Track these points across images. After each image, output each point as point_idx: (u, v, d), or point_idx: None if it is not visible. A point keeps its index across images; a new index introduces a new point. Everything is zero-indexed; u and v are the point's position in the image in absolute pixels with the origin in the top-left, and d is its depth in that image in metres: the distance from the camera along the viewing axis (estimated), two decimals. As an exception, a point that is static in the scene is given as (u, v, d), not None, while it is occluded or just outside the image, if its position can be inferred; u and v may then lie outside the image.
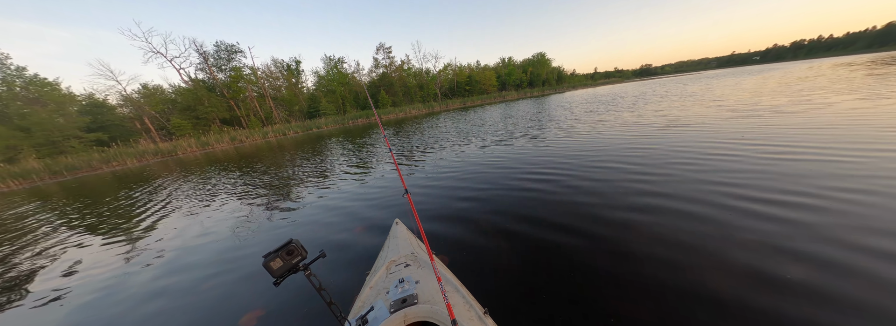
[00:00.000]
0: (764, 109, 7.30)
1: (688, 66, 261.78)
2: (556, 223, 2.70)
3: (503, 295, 1.81)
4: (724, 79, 25.16)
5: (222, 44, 28.07)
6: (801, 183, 2.91)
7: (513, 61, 56.41)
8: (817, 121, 5.33)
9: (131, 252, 3.47)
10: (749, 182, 3.07)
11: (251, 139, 21.58)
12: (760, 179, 3.11)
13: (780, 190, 2.81)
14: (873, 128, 4.53)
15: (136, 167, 14.59)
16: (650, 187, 3.27)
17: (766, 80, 16.95)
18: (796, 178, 3.03)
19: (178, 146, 18.83)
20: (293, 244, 0.89)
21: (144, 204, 5.94)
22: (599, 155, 4.91)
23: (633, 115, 9.09)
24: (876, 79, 11.44)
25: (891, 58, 29.22)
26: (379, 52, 39.46)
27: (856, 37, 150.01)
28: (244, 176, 7.57)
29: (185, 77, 28.76)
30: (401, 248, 1.62)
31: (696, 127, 6.14)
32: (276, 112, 31.33)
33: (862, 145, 3.79)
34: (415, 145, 8.74)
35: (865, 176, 2.88)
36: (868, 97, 7.31)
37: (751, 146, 4.33)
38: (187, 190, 6.86)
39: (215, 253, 3.11)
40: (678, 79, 43.91)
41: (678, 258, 1.98)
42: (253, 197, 5.20)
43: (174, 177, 9.07)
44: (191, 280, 2.61)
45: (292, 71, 34.59)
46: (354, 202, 4.22)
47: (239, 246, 3.21)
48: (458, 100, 38.49)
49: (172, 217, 4.77)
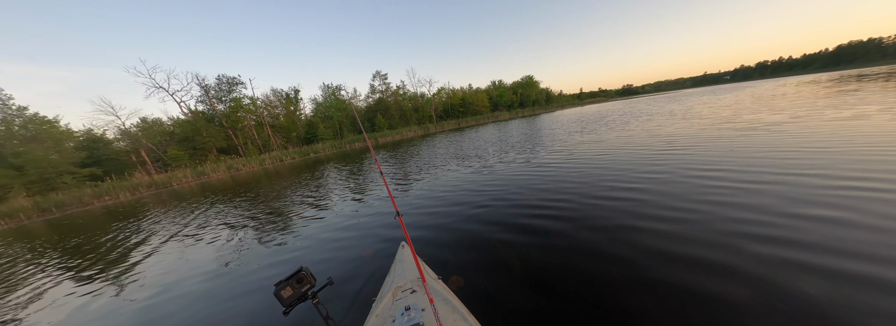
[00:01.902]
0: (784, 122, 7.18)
1: (665, 86, 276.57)
2: (574, 246, 2.61)
3: (512, 322, 1.76)
4: (713, 95, 26.53)
5: (224, 77, 29.39)
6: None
7: (503, 84, 59.43)
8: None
9: (123, 290, 3.33)
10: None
11: (248, 167, 21.56)
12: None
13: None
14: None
15: (129, 200, 14.28)
16: (667, 213, 3.10)
17: (761, 97, 17.89)
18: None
19: (173, 177, 18.66)
20: (303, 272, 0.87)
21: (130, 239, 5.78)
22: (608, 174, 4.91)
23: (634, 133, 9.44)
24: (837, 94, 12.31)
25: (847, 76, 31.60)
26: (375, 78, 41.48)
27: (812, 58, 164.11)
28: (238, 204, 7.50)
29: (186, 109, 29.51)
30: (407, 273, 1.58)
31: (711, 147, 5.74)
32: (274, 139, 31.75)
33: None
34: (412, 166, 8.88)
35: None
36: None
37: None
38: (178, 221, 6.73)
39: (210, 286, 3.02)
40: (661, 97, 46.32)
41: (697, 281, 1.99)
42: (248, 225, 5.12)
43: (165, 209, 8.91)
44: (191, 317, 2.52)
45: (291, 99, 35.83)
46: (355, 224, 4.20)
47: (239, 277, 3.13)
48: (452, 122, 39.75)
49: (162, 251, 4.63)
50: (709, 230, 2.59)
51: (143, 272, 3.93)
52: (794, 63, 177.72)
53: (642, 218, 3.02)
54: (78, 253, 5.43)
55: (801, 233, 2.34)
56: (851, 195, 2.89)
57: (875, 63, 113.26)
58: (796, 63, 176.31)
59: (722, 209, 2.98)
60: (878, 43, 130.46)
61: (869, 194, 2.86)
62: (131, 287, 3.45)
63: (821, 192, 3.06)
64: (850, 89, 14.47)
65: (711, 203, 3.17)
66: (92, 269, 4.36)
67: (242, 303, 2.60)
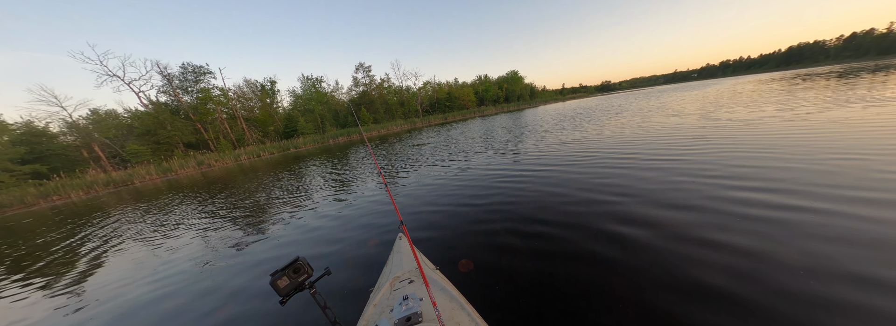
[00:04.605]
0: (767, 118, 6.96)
1: (641, 82, 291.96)
2: (573, 238, 2.49)
3: (507, 313, 1.72)
4: (687, 91, 28.12)
5: (190, 65, 26.93)
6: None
7: (489, 78, 59.45)
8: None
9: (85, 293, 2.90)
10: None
11: (221, 162, 20.10)
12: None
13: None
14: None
15: (83, 200, 12.83)
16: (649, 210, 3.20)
17: (725, 94, 19.08)
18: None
19: (134, 174, 16.99)
20: (300, 261, 0.87)
21: (95, 240, 5.13)
22: (598, 163, 5.03)
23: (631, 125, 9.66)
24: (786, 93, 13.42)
25: (799, 74, 34.76)
26: (358, 71, 39.92)
27: (767, 57, 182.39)
28: (215, 201, 6.91)
29: (146, 100, 26.85)
30: (405, 263, 1.56)
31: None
32: (249, 133, 29.82)
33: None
34: (405, 157, 8.62)
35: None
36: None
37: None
38: (145, 219, 6.08)
39: (202, 276, 2.74)
40: (637, 93, 48.53)
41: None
42: (232, 221, 4.70)
43: (127, 208, 8.05)
44: (190, 310, 2.25)
45: (267, 91, 33.65)
46: (349, 217, 3.99)
47: (233, 269, 2.86)
48: (439, 116, 39.30)
49: (129, 251, 4.13)
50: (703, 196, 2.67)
51: (105, 273, 3.47)
52: (753, 62, 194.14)
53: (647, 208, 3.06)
54: (28, 257, 4.74)
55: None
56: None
57: (820, 63, 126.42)
58: (754, 62, 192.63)
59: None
60: (822, 45, 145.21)
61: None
62: (97, 289, 3.02)
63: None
64: (797, 88, 15.81)
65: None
66: (47, 273, 3.79)
67: (238, 294, 2.47)
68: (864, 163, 3.26)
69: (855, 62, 79.56)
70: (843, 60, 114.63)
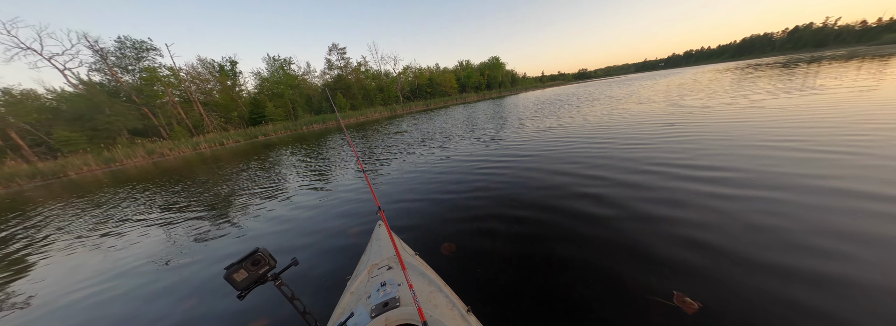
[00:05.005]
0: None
1: (614, 71, 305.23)
2: (547, 220, 2.49)
3: (488, 293, 1.72)
4: (652, 80, 29.46)
5: (128, 39, 23.10)
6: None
7: (470, 64, 58.17)
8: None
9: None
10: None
11: (176, 151, 17.98)
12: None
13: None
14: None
15: (1, 194, 10.85)
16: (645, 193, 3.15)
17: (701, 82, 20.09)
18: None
19: (68, 164, 14.65)
20: (260, 253, 0.82)
21: (19, 241, 4.23)
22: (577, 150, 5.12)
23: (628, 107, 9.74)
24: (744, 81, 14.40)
25: (750, 64, 37.90)
26: (332, 52, 37.01)
27: (725, 48, 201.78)
28: (172, 193, 6.04)
29: (74, 79, 22.91)
30: (383, 250, 1.55)
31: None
32: (208, 119, 26.91)
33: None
34: (385, 146, 8.08)
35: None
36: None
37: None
38: (81, 215, 5.17)
39: (157, 276, 2.50)
40: (610, 81, 50.33)
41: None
42: (189, 214, 4.10)
43: (60, 204, 6.85)
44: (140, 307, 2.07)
45: (226, 72, 30.17)
46: (330, 204, 3.68)
47: (195, 266, 2.59)
48: (420, 103, 38.00)
49: (68, 252, 3.46)
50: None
51: (42, 277, 2.81)
52: (712, 53, 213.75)
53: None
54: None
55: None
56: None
57: (768, 54, 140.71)
58: (713, 53, 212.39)
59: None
60: (769, 37, 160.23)
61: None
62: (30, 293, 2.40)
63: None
64: (748, 77, 17.11)
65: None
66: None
67: (198, 292, 2.23)
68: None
69: (794, 53, 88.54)
70: (786, 52, 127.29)
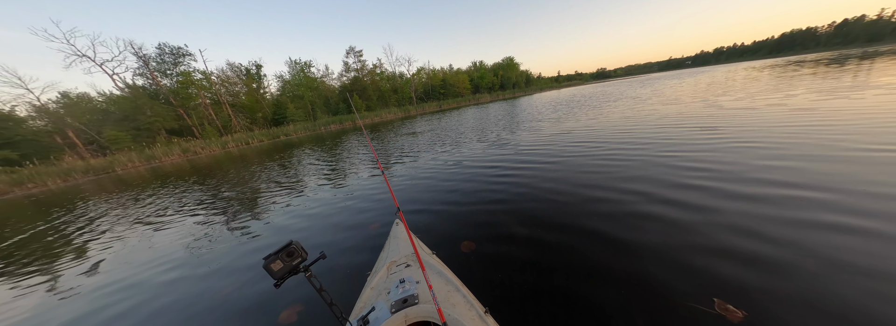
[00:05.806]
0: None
1: (635, 70, 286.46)
2: (565, 224, 2.53)
3: (506, 294, 1.75)
4: (680, 79, 28.02)
5: (166, 46, 25.13)
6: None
7: (484, 65, 57.90)
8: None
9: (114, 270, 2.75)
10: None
11: (208, 150, 19.37)
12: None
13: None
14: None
15: (61, 188, 12.23)
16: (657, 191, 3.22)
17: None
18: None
19: (115, 161, 16.22)
20: (293, 245, 0.88)
21: (76, 228, 4.89)
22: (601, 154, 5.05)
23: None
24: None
25: (791, 61, 35.07)
26: (349, 55, 38.20)
27: (760, 44, 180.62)
28: (207, 189, 6.64)
29: (121, 83, 25.19)
30: (401, 248, 1.61)
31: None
32: (236, 120, 28.65)
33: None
34: (401, 147, 8.40)
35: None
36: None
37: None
38: (134, 207, 5.83)
39: (208, 261, 2.83)
40: (631, 81, 48.26)
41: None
42: (227, 208, 4.54)
43: (112, 196, 7.69)
44: (191, 290, 2.41)
45: (252, 75, 31.98)
46: (347, 204, 3.94)
47: (234, 253, 2.93)
48: (433, 104, 38.43)
49: (123, 238, 3.98)
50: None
51: (106, 260, 3.34)
52: (745, 49, 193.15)
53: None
54: (16, 246, 4.48)
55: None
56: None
57: (810, 50, 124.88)
58: (747, 49, 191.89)
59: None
60: (813, 32, 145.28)
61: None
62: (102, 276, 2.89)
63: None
64: (797, 74, 15.80)
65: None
66: (42, 262, 3.58)
67: (235, 278, 2.48)
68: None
69: (844, 49, 77.62)
70: (833, 47, 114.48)
